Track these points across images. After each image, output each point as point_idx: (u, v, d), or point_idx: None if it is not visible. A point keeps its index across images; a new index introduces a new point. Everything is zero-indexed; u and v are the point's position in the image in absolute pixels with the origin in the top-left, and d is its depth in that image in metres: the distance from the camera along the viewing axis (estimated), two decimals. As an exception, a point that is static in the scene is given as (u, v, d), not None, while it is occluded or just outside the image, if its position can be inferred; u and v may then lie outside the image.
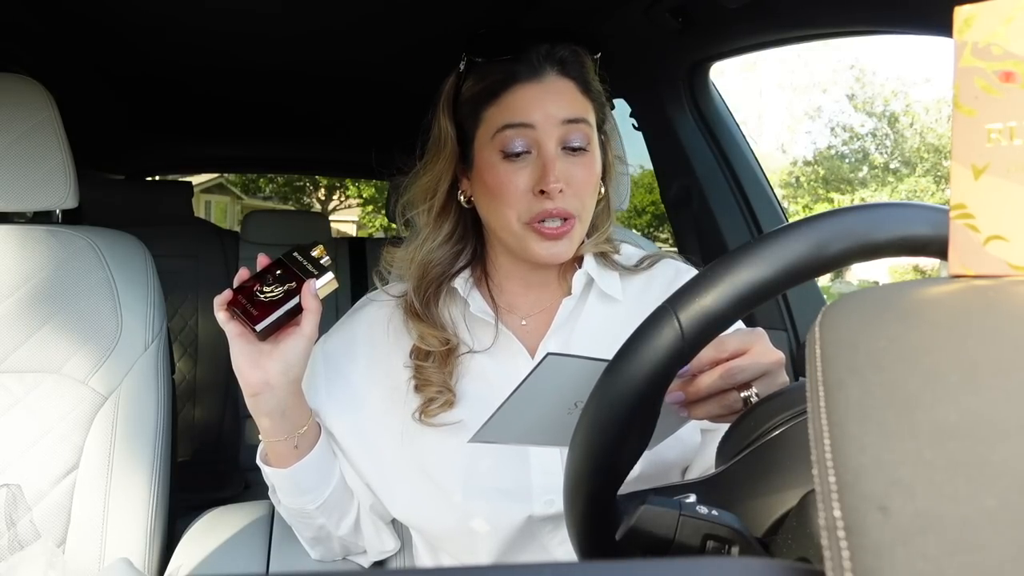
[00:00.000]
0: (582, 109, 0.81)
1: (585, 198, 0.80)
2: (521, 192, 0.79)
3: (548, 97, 0.79)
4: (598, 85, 0.85)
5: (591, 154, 0.81)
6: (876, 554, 0.19)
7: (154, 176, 3.29)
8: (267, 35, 1.59)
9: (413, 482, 0.83)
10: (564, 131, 0.79)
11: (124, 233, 1.14)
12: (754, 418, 0.49)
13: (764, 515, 0.43)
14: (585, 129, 0.80)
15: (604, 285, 0.86)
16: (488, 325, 0.85)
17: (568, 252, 0.80)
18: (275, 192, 15.35)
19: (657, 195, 1.73)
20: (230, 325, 0.74)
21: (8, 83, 1.03)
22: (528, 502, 0.79)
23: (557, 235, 0.79)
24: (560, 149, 0.79)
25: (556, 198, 0.77)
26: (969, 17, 0.30)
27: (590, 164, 0.81)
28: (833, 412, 0.24)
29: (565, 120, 0.79)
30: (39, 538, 0.93)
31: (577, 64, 0.82)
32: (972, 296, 0.29)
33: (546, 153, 0.78)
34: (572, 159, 0.80)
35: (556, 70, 0.80)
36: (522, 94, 0.80)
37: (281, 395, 0.77)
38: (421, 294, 0.86)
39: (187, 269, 2.40)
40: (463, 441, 0.80)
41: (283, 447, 0.80)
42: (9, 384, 1.01)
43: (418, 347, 0.85)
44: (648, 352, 0.40)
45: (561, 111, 0.79)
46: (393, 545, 0.89)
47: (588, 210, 0.82)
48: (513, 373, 0.83)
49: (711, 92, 1.57)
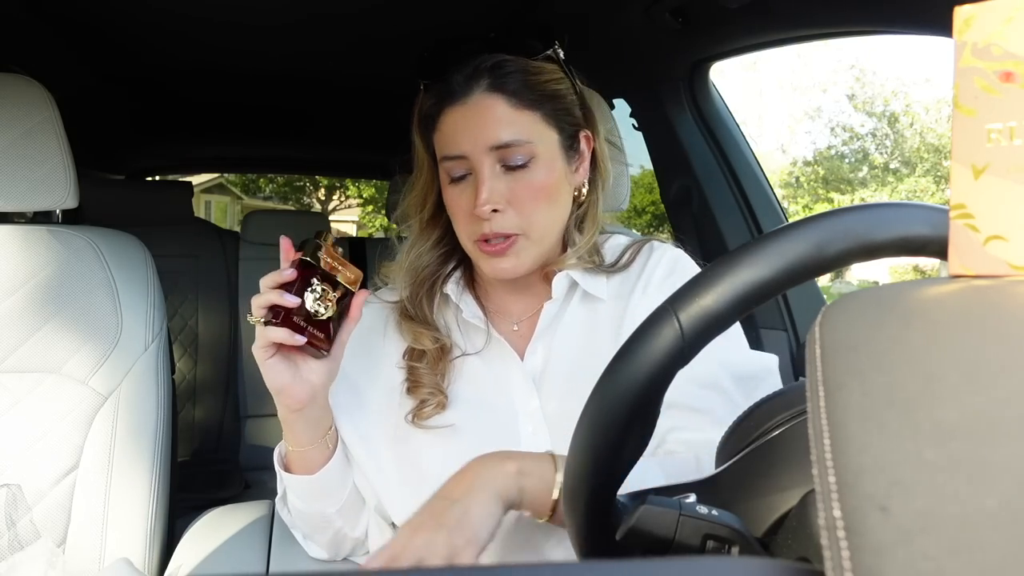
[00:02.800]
0: (515, 128, 0.76)
1: (531, 214, 0.78)
2: (466, 213, 0.78)
3: (474, 121, 0.76)
4: (552, 87, 0.80)
5: (536, 167, 0.77)
6: (876, 554, 0.19)
7: (154, 176, 3.28)
8: (267, 35, 1.59)
9: (411, 484, 0.83)
10: (498, 155, 0.76)
11: (124, 233, 1.14)
12: (754, 418, 0.49)
13: (764, 515, 0.43)
14: (523, 149, 0.76)
15: (588, 286, 0.84)
16: (480, 330, 0.85)
17: (517, 267, 0.79)
18: (275, 192, 15.35)
19: (657, 195, 1.73)
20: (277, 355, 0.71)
21: (8, 83, 1.03)
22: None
23: (499, 252, 0.78)
24: (499, 166, 0.77)
25: (492, 219, 0.76)
26: (969, 17, 0.30)
27: (532, 176, 0.77)
28: (833, 412, 0.24)
29: (493, 147, 0.76)
30: (39, 538, 0.93)
31: (506, 76, 0.77)
32: (972, 296, 0.29)
33: (479, 177, 0.76)
34: (513, 176, 0.77)
35: (483, 87, 0.77)
36: (451, 121, 0.78)
37: (321, 402, 0.77)
38: (415, 298, 0.86)
39: (187, 269, 2.39)
40: (455, 444, 0.80)
41: (315, 452, 0.80)
42: (9, 384, 1.01)
43: (412, 348, 0.85)
44: (648, 352, 0.40)
45: (489, 136, 0.76)
46: None
47: (539, 226, 0.79)
48: (504, 377, 0.83)
49: (711, 92, 1.57)
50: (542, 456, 0.68)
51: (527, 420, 0.81)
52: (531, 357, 0.84)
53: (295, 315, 0.69)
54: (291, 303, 0.68)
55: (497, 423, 0.82)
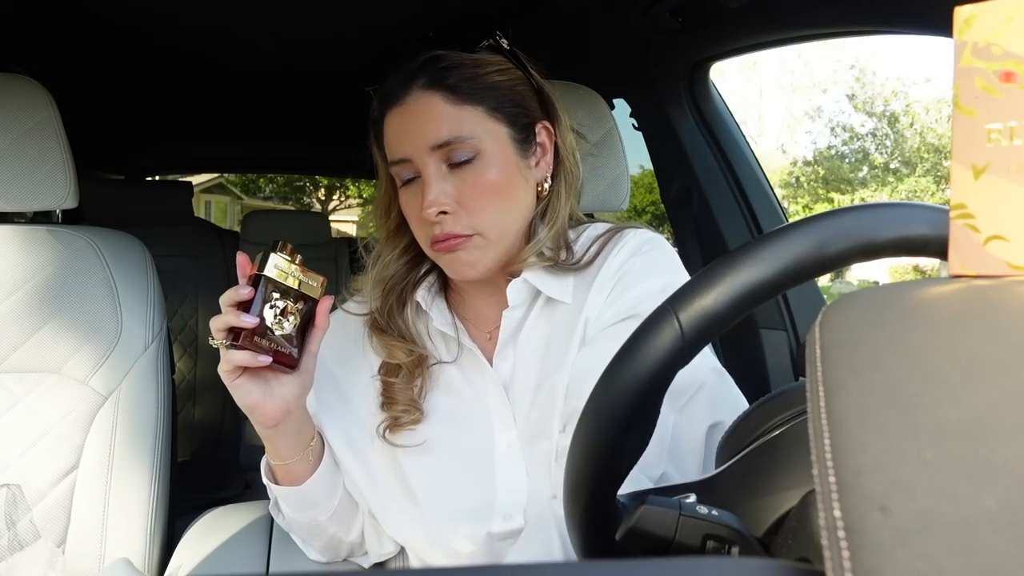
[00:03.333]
0: (456, 124, 0.74)
1: (483, 211, 0.75)
2: (419, 218, 0.76)
3: (413, 121, 0.74)
4: (494, 78, 0.76)
5: (481, 163, 0.74)
6: (876, 554, 0.19)
7: (154, 176, 3.28)
8: (267, 35, 1.59)
9: (397, 496, 0.82)
10: (440, 154, 0.74)
11: (124, 233, 1.14)
12: (754, 418, 0.49)
13: (764, 515, 0.43)
14: (464, 147, 0.74)
15: (550, 290, 0.79)
16: (452, 338, 0.83)
17: (478, 261, 0.76)
18: (275, 192, 15.35)
19: (657, 195, 1.73)
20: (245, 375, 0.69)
21: (8, 83, 1.03)
22: (488, 520, 0.77)
23: (451, 247, 0.75)
24: (444, 166, 0.75)
25: (442, 222, 0.74)
26: (969, 17, 0.30)
27: (479, 174, 0.74)
28: (833, 412, 0.24)
29: (434, 146, 0.73)
30: (39, 538, 0.93)
31: (443, 71, 0.75)
32: (972, 296, 0.29)
33: (424, 179, 0.74)
34: (459, 174, 0.74)
35: (420, 85, 0.74)
36: (391, 123, 0.77)
37: (298, 416, 0.75)
38: (384, 308, 0.83)
39: (187, 269, 2.40)
40: (432, 458, 0.80)
41: (298, 465, 0.79)
42: (9, 384, 1.01)
43: (386, 362, 0.82)
44: (648, 352, 0.40)
45: (429, 135, 0.73)
46: (392, 548, 0.88)
47: (492, 224, 0.75)
48: (479, 385, 0.81)
49: (711, 92, 1.57)
50: None
51: (502, 431, 0.79)
52: (501, 364, 0.81)
53: (256, 334, 0.66)
54: (248, 323, 0.65)
55: (474, 434, 0.80)
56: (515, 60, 0.79)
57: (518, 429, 0.79)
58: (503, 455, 0.79)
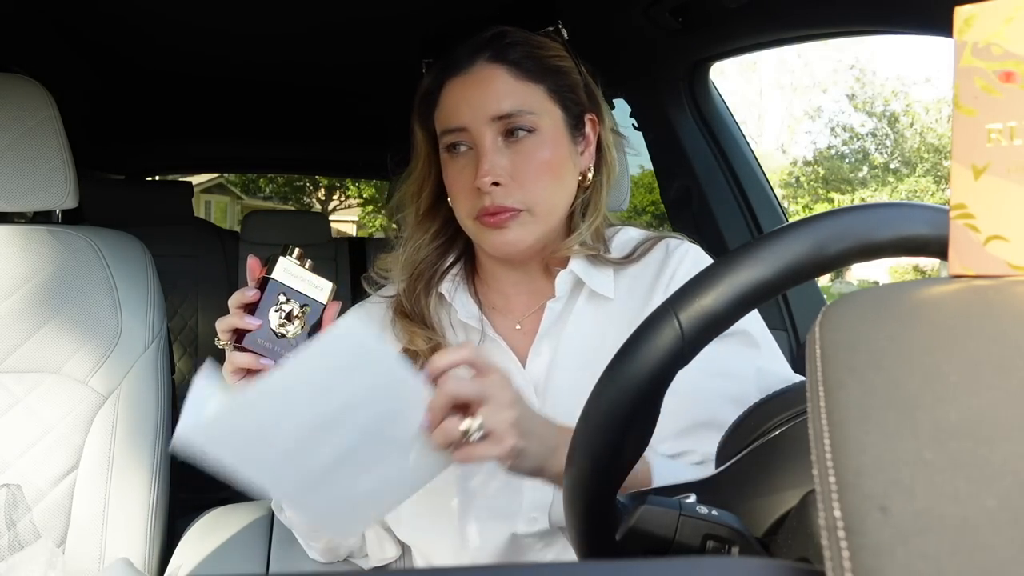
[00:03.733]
0: (518, 98, 0.75)
1: (535, 187, 0.75)
2: (467, 189, 0.76)
3: (476, 91, 0.75)
4: (556, 63, 0.78)
5: (539, 138, 0.76)
6: (876, 554, 0.19)
7: (154, 176, 3.28)
8: (267, 35, 1.59)
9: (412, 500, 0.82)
10: (500, 126, 0.75)
11: (124, 233, 1.14)
12: (754, 418, 0.49)
13: (764, 515, 0.43)
14: (526, 119, 0.75)
15: (595, 284, 0.80)
16: (476, 331, 0.82)
17: (519, 242, 0.76)
18: (275, 192, 15.35)
19: (657, 195, 1.73)
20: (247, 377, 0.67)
21: (8, 83, 1.03)
22: (513, 519, 0.77)
23: (498, 223, 0.75)
24: (500, 139, 0.75)
25: (493, 192, 0.74)
26: (969, 17, 0.30)
27: (535, 149, 0.75)
28: (833, 412, 0.24)
29: (495, 117, 0.74)
30: (39, 538, 0.93)
31: (508, 46, 0.76)
32: (972, 296, 0.29)
33: (480, 149, 0.75)
34: (515, 147, 0.75)
35: (485, 58, 0.76)
36: (451, 93, 0.77)
37: None
38: (411, 294, 0.83)
39: (187, 269, 2.39)
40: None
41: None
42: (9, 384, 1.01)
43: (407, 349, 0.81)
44: (648, 352, 0.40)
45: (490, 106, 0.74)
46: (394, 553, 0.88)
47: (542, 201, 0.76)
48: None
49: (711, 92, 1.57)
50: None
51: None
52: (535, 358, 0.80)
53: (260, 337, 0.66)
54: (251, 325, 0.65)
55: None
56: (570, 51, 0.81)
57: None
58: None
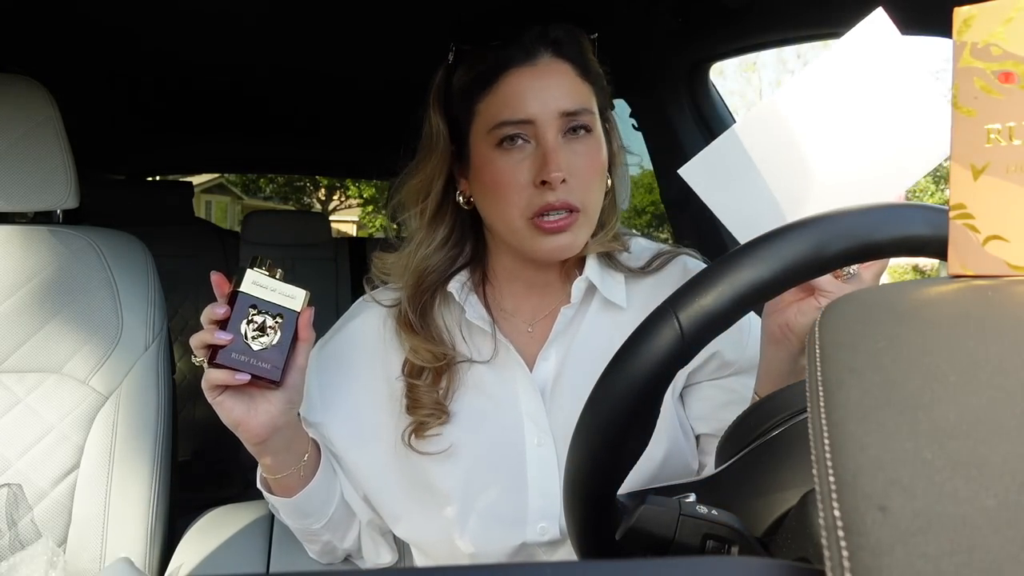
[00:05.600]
0: (582, 97, 0.75)
1: (590, 188, 0.74)
2: (522, 185, 0.73)
3: (545, 84, 0.73)
4: (598, 67, 0.79)
5: (594, 139, 0.75)
6: (875, 553, 0.19)
7: (154, 176, 3.28)
8: (267, 35, 1.59)
9: (412, 499, 0.81)
10: (564, 122, 0.73)
11: (124, 233, 1.14)
12: (754, 418, 0.49)
13: (764, 515, 0.43)
14: (587, 118, 0.74)
15: (607, 292, 0.80)
16: (486, 334, 0.80)
17: (573, 246, 0.75)
18: (275, 192, 15.33)
19: (657, 195, 1.72)
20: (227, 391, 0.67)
21: (9, 83, 1.03)
22: (522, 527, 0.76)
23: (559, 228, 0.73)
24: (561, 136, 0.74)
25: (559, 189, 0.71)
26: (968, 18, 0.30)
27: (594, 150, 0.75)
28: (832, 412, 0.24)
29: (564, 112, 0.73)
30: (40, 537, 0.93)
31: (574, 45, 0.75)
32: (972, 296, 0.29)
33: (546, 143, 0.72)
34: (574, 145, 0.74)
35: (551, 52, 0.74)
36: (516, 81, 0.73)
37: (287, 432, 0.73)
38: (416, 304, 0.80)
39: (187, 269, 2.39)
40: (457, 460, 0.78)
41: (289, 479, 0.77)
42: (10, 384, 1.01)
43: (411, 361, 0.80)
44: (648, 352, 0.40)
45: (560, 101, 0.73)
46: (390, 559, 0.88)
47: (594, 202, 0.76)
48: (511, 385, 0.79)
49: (711, 92, 1.57)
50: None
51: (533, 432, 0.78)
52: (543, 363, 0.79)
53: (234, 351, 0.66)
54: (222, 340, 0.65)
55: (501, 437, 0.78)
56: (600, 57, 0.81)
57: (557, 432, 0.77)
58: (536, 459, 0.77)
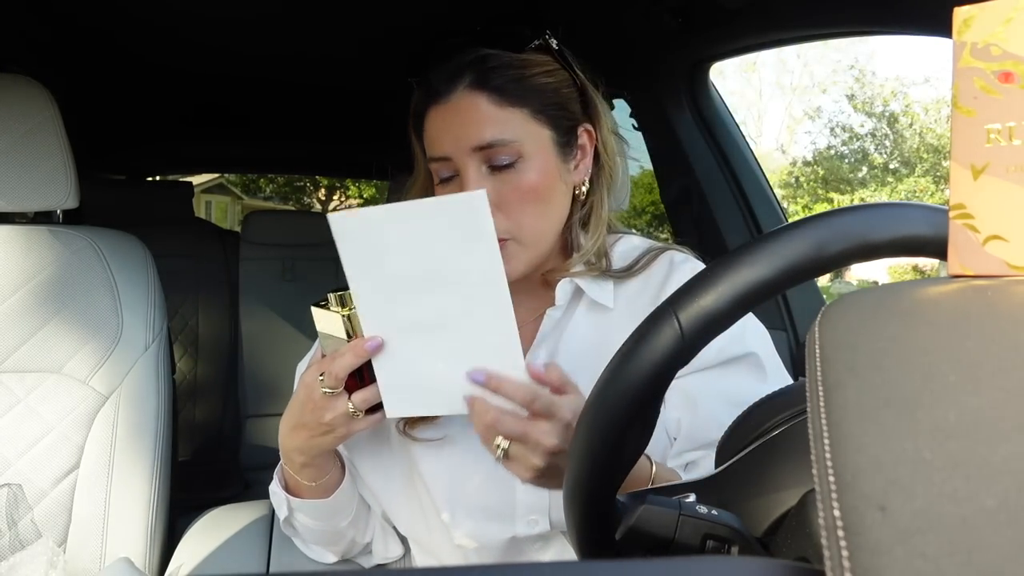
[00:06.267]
0: (499, 126, 0.72)
1: (520, 215, 0.73)
2: None
3: (456, 121, 0.73)
4: (538, 80, 0.75)
5: (522, 169, 0.73)
6: (875, 553, 0.19)
7: (154, 176, 3.28)
8: (267, 35, 1.59)
9: (412, 494, 0.82)
10: (482, 156, 0.72)
11: (124, 233, 1.14)
12: (754, 418, 0.49)
13: (764, 515, 0.43)
14: (506, 150, 0.72)
15: (594, 293, 0.79)
16: None
17: (512, 270, 0.72)
18: (275, 192, 15.34)
19: (657, 195, 1.73)
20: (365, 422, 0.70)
21: (9, 83, 1.03)
22: (511, 522, 0.77)
23: None
24: (485, 167, 0.73)
25: None
26: (968, 18, 0.30)
27: (519, 177, 0.73)
28: (832, 412, 0.24)
29: (476, 148, 0.72)
30: (40, 537, 0.93)
31: (489, 71, 0.73)
32: (971, 296, 0.29)
33: (465, 177, 0.73)
34: (499, 177, 0.73)
35: (467, 85, 0.73)
36: (433, 121, 0.75)
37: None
38: None
39: (187, 269, 2.39)
40: (448, 454, 0.79)
41: (332, 478, 0.79)
42: (10, 384, 1.01)
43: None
44: (648, 353, 0.40)
45: (471, 137, 0.72)
46: (397, 552, 0.89)
47: (530, 228, 0.74)
48: None
49: (711, 92, 1.57)
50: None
51: None
52: (531, 364, 0.81)
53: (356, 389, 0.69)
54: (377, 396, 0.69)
55: None
56: (562, 60, 0.78)
57: None
58: None
